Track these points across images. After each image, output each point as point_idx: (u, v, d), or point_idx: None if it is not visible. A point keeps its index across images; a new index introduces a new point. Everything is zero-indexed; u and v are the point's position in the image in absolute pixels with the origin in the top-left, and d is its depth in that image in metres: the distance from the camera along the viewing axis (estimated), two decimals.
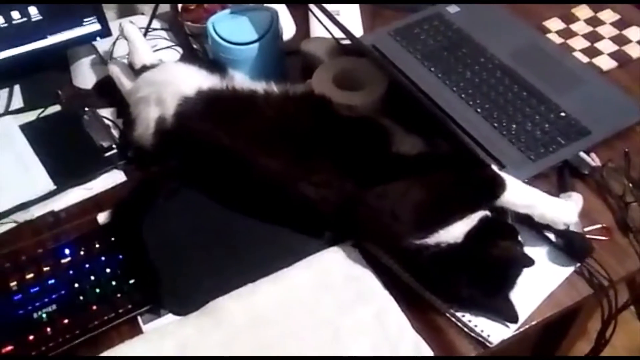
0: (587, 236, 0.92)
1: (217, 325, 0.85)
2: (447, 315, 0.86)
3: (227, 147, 0.96)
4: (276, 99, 1.02)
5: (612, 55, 1.19)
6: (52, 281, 0.90)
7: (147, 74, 1.09)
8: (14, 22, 1.11)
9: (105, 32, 1.20)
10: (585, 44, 1.22)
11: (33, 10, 1.11)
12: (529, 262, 0.83)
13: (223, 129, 0.97)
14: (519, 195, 0.89)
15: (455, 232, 0.83)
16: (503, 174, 0.90)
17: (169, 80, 1.04)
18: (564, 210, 0.90)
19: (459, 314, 0.85)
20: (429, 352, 0.82)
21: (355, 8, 1.33)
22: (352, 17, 1.31)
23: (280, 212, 0.95)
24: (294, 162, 0.94)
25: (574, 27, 1.26)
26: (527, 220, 0.91)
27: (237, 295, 0.88)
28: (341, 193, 0.90)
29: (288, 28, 1.29)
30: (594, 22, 1.26)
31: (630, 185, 0.96)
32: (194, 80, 1.03)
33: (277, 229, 0.95)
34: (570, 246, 0.90)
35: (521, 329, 0.85)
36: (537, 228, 0.92)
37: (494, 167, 0.92)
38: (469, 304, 0.85)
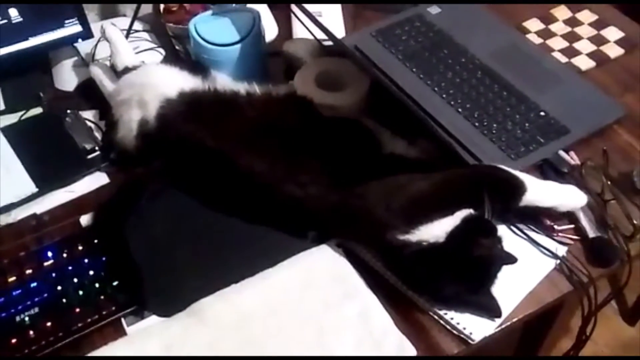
0: (561, 235, 0.94)
1: (202, 325, 0.85)
2: (430, 313, 0.86)
3: (210, 148, 0.96)
4: (259, 100, 1.02)
5: (590, 55, 1.21)
6: (34, 284, 0.89)
7: (129, 75, 1.08)
8: None
9: (86, 33, 1.20)
10: (564, 44, 1.23)
11: (13, 12, 1.10)
12: (511, 259, 0.84)
13: (206, 130, 0.97)
14: (540, 193, 0.91)
15: (436, 231, 0.84)
16: (519, 174, 0.91)
17: (151, 82, 1.04)
18: (576, 194, 0.94)
19: (441, 312, 0.86)
20: (412, 350, 0.83)
21: (337, 9, 1.34)
22: (334, 18, 1.32)
23: (265, 212, 0.95)
24: (278, 162, 0.94)
25: (553, 27, 1.27)
26: (507, 217, 0.93)
27: (222, 295, 0.88)
28: (327, 191, 0.91)
29: (271, 29, 1.29)
30: (572, 22, 1.28)
31: (609, 183, 0.97)
32: (176, 81, 1.03)
33: (261, 229, 0.95)
34: (600, 250, 0.92)
35: (503, 326, 0.85)
36: (517, 225, 0.93)
37: (509, 169, 0.92)
38: (452, 301, 0.85)
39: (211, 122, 0.99)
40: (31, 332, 0.85)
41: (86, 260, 0.92)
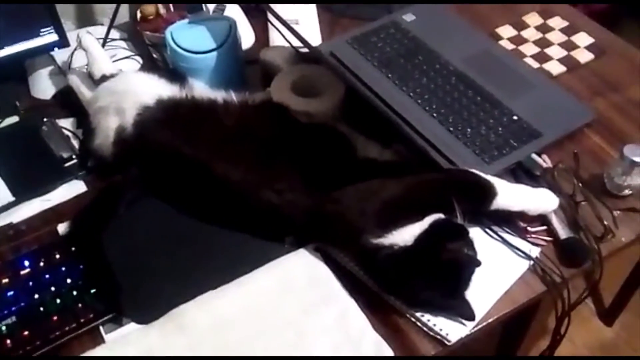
0: (534, 236, 0.95)
1: (181, 331, 0.86)
2: (407, 315, 0.88)
3: (187, 156, 0.97)
4: (235, 108, 1.03)
5: (561, 60, 1.24)
6: (11, 293, 0.89)
7: (107, 83, 1.09)
8: None
9: (63, 42, 1.19)
10: (536, 49, 1.26)
11: None
12: (476, 263, 0.85)
13: (183, 138, 0.98)
14: (510, 197, 0.93)
15: (406, 235, 0.85)
16: (491, 178, 0.93)
17: (129, 90, 1.04)
18: (548, 197, 0.95)
19: (418, 314, 0.87)
20: (390, 352, 0.84)
21: (314, 17, 1.35)
22: (311, 26, 1.33)
23: (242, 218, 0.96)
24: (254, 169, 0.95)
25: (524, 33, 1.30)
26: (479, 220, 0.94)
27: (200, 301, 0.88)
28: (303, 197, 0.92)
29: (247, 37, 1.30)
30: (543, 28, 1.31)
31: (580, 184, 0.99)
32: (154, 89, 1.04)
33: (239, 235, 0.96)
34: (571, 251, 0.94)
35: (478, 327, 0.87)
36: (491, 227, 0.95)
37: (480, 173, 0.94)
38: (426, 304, 0.87)
39: (188, 130, 0.99)
40: (8, 342, 0.84)
41: (63, 269, 0.92)
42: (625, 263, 1.64)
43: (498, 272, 0.91)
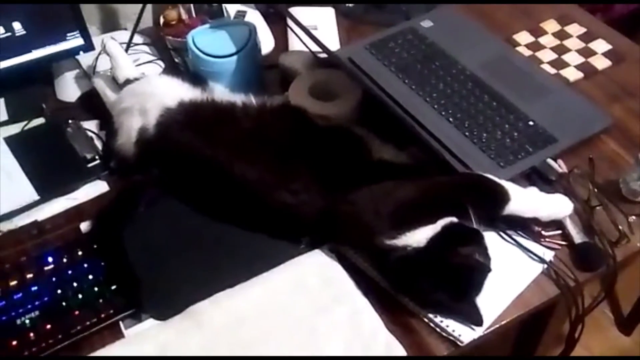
0: (548, 240, 0.96)
1: (197, 328, 0.87)
2: (420, 316, 0.89)
3: (206, 156, 0.99)
4: (254, 111, 1.06)
5: (578, 67, 1.24)
6: (35, 288, 0.92)
7: (132, 85, 1.12)
8: None
9: (88, 46, 1.23)
10: (553, 56, 1.26)
11: (17, 25, 1.14)
12: (487, 270, 0.85)
13: (203, 139, 1.01)
14: (523, 202, 0.93)
15: (419, 236, 0.86)
16: (504, 183, 0.93)
17: (153, 92, 1.07)
18: (562, 203, 0.96)
19: (431, 315, 0.88)
20: (402, 351, 0.85)
21: (332, 23, 1.37)
22: (329, 32, 1.35)
23: (259, 219, 0.98)
24: (271, 170, 0.97)
25: (542, 40, 1.30)
26: (494, 225, 0.95)
27: (216, 299, 0.90)
28: (318, 197, 0.94)
29: (267, 43, 1.32)
30: (561, 35, 1.31)
31: (595, 190, 0.99)
32: (176, 92, 1.07)
33: (255, 235, 0.97)
34: (586, 255, 0.94)
35: (491, 329, 0.87)
36: (505, 231, 0.96)
37: (493, 178, 0.94)
38: (435, 305, 0.88)
39: (208, 131, 1.02)
40: (31, 334, 0.87)
41: (86, 265, 0.95)
42: None
43: (512, 275, 0.92)
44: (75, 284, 0.92)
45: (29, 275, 0.94)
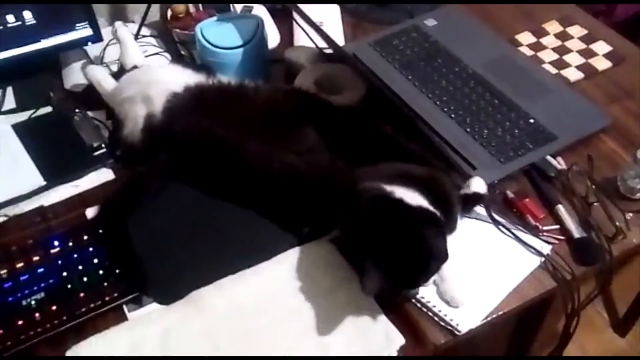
0: (546, 234, 0.98)
1: (199, 314, 0.89)
2: (419, 305, 0.90)
3: (216, 135, 1.00)
4: (265, 90, 1.07)
5: (579, 67, 1.26)
6: (41, 270, 0.93)
7: (131, 73, 1.13)
8: (8, 25, 1.15)
9: (96, 37, 1.24)
10: (554, 56, 1.28)
11: (27, 15, 1.15)
12: (441, 259, 0.85)
13: (213, 118, 1.01)
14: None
15: (399, 192, 0.87)
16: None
17: (155, 79, 1.08)
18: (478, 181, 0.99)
19: (429, 304, 0.89)
20: (401, 340, 0.86)
21: (337, 20, 1.39)
22: (334, 29, 1.37)
23: (267, 199, 0.99)
24: (279, 139, 0.99)
25: (544, 40, 1.32)
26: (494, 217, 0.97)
27: (218, 286, 0.92)
28: (323, 160, 0.95)
29: (273, 37, 1.34)
30: (563, 36, 1.33)
31: (593, 187, 1.01)
32: (180, 77, 1.07)
33: (258, 224, 0.99)
34: (584, 250, 0.96)
35: (488, 319, 0.89)
36: (504, 224, 0.97)
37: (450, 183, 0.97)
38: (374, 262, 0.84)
39: (218, 110, 1.03)
40: (37, 315, 0.88)
41: (91, 249, 0.96)
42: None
43: (510, 267, 0.93)
44: (80, 267, 0.94)
45: (36, 258, 0.95)
